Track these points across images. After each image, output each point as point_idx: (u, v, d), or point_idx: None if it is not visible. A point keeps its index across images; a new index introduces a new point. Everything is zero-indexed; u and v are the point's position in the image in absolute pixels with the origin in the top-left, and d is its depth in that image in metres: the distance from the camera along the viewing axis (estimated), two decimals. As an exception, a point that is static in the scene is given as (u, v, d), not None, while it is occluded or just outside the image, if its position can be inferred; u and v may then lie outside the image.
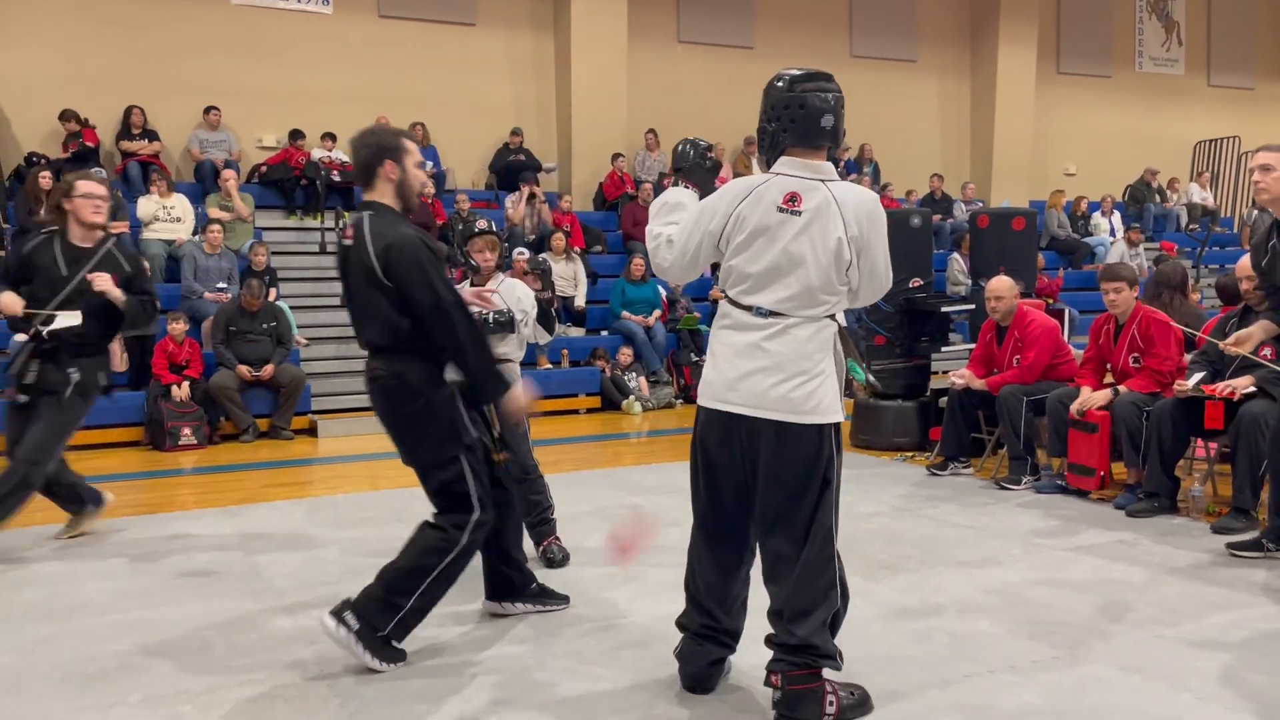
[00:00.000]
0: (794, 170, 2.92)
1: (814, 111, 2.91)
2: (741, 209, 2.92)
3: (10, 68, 11.22)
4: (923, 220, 7.94)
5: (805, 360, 2.89)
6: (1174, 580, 4.30)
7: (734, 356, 2.94)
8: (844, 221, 2.86)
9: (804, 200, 2.87)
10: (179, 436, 8.28)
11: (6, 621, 3.97)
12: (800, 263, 2.86)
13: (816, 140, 2.93)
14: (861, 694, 3.05)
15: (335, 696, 3.20)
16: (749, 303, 2.93)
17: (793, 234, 2.86)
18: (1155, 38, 17.99)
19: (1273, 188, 4.20)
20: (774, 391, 2.87)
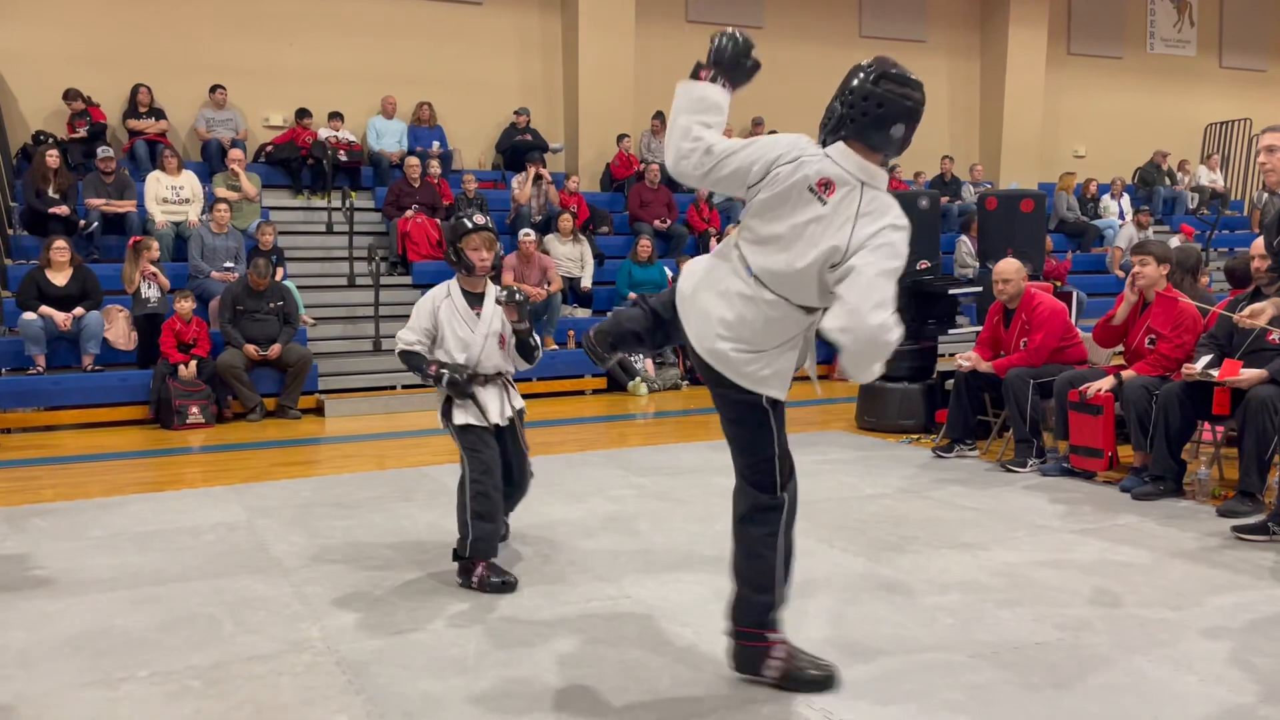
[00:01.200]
0: (844, 161, 2.82)
1: (889, 115, 2.81)
2: (783, 170, 2.84)
3: (17, 45, 11.20)
4: (931, 202, 7.91)
5: (757, 337, 2.88)
6: (1179, 563, 4.30)
7: (713, 295, 2.93)
8: (853, 230, 2.75)
9: (836, 191, 2.79)
10: (186, 415, 8.30)
11: (15, 597, 4.00)
12: (799, 248, 2.80)
13: (879, 143, 2.84)
14: (824, 669, 3.07)
15: (342, 673, 3.22)
16: (746, 254, 2.91)
17: (808, 218, 2.80)
18: (1167, 18, 17.83)
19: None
20: (718, 345, 2.89)
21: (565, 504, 5.46)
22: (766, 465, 3.00)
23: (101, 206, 10.10)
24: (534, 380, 10.08)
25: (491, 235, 4.25)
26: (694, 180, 3.00)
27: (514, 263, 10.47)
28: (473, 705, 2.98)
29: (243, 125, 12.01)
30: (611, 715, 2.91)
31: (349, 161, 11.92)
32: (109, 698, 3.06)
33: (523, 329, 4.21)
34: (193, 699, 3.05)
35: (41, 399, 8.48)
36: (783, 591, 3.07)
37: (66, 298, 8.73)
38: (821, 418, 8.59)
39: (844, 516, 5.10)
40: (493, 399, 4.18)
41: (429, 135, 12.65)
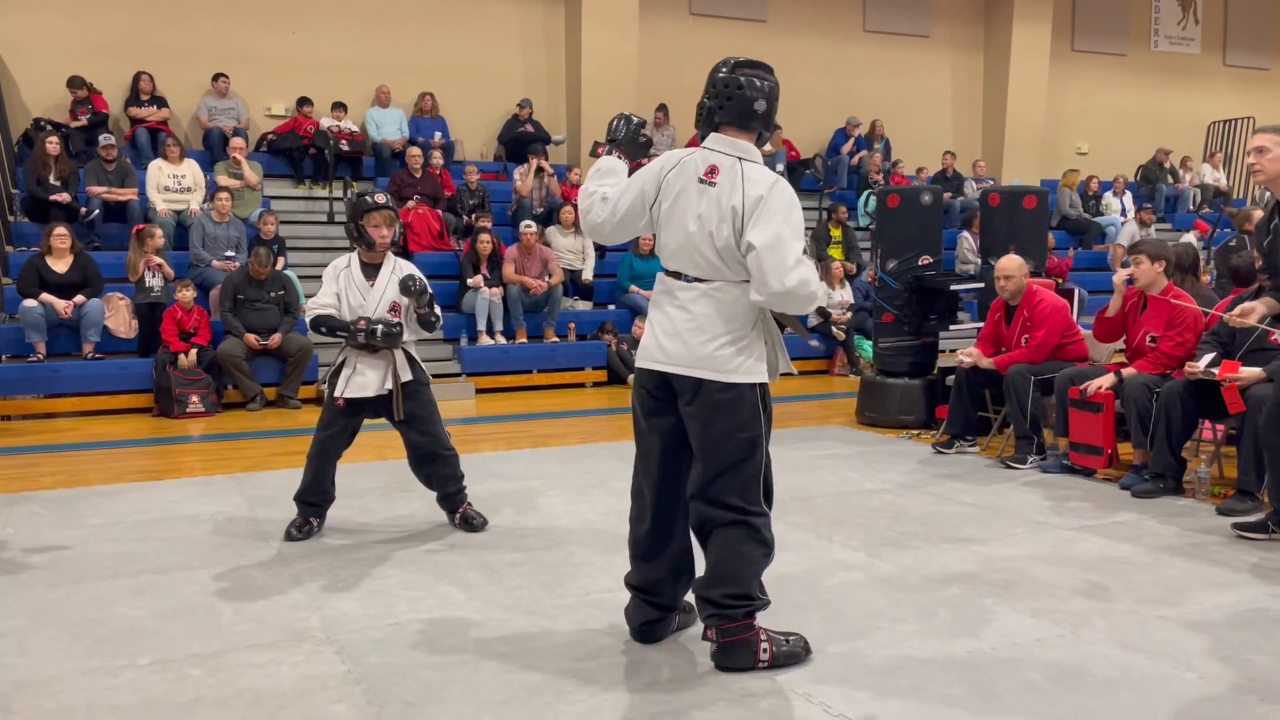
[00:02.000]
0: (719, 146, 3.10)
1: (750, 94, 3.08)
2: (670, 177, 3.13)
3: (18, 33, 11.18)
4: (933, 197, 7.90)
5: (728, 322, 3.06)
6: (1178, 560, 4.30)
7: (665, 320, 3.13)
8: (744, 194, 3.00)
9: (720, 173, 3.06)
10: (186, 404, 8.31)
11: (16, 584, 4.01)
12: (712, 228, 3.03)
13: (748, 121, 3.11)
14: (798, 642, 3.21)
15: (342, 663, 3.23)
16: (675, 268, 3.13)
17: (707, 203, 3.05)
18: (1171, 16, 17.79)
19: (1269, 168, 4.29)
20: (700, 350, 3.04)
21: (566, 496, 5.46)
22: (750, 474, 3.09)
23: (103, 194, 10.08)
24: (534, 373, 10.09)
25: (392, 214, 4.59)
26: (610, 229, 3.25)
27: (515, 254, 10.46)
28: (472, 694, 2.98)
29: (244, 114, 11.99)
30: (611, 707, 2.91)
31: (351, 151, 11.90)
32: (109, 685, 3.07)
33: (423, 312, 4.55)
34: (192, 687, 3.05)
35: (42, 386, 8.48)
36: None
37: (67, 285, 8.72)
38: (822, 413, 8.60)
39: (844, 511, 5.10)
40: (375, 369, 4.50)
41: (431, 126, 12.63)
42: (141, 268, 8.91)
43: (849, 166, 14.66)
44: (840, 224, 12.65)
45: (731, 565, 3.11)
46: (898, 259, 7.73)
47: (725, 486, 3.09)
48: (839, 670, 3.15)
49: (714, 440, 3.07)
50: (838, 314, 11.36)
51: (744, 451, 3.07)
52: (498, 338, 10.20)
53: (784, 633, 3.23)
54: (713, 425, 3.06)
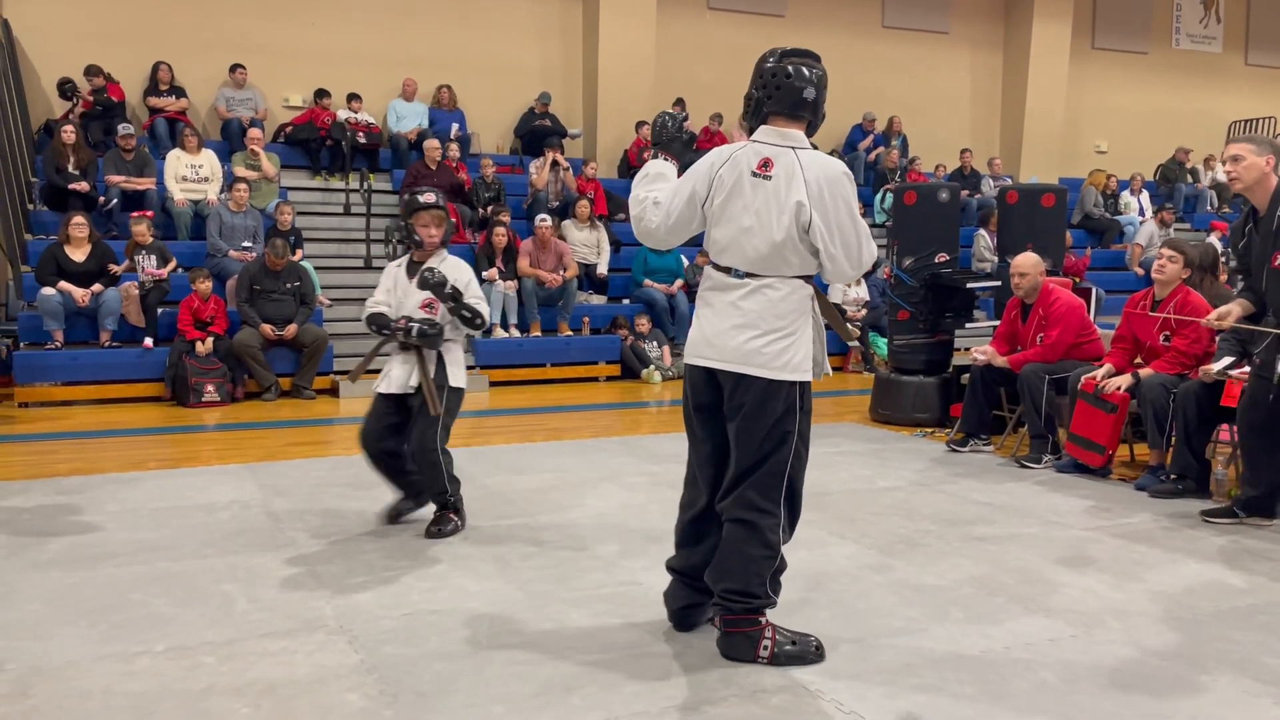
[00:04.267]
0: (770, 138, 3.10)
1: (798, 83, 3.07)
2: (723, 173, 3.12)
3: (39, 22, 11.24)
4: (950, 195, 7.86)
5: (779, 319, 3.06)
6: (1193, 562, 4.28)
7: (713, 316, 3.13)
8: (805, 183, 3.00)
9: (775, 165, 3.04)
10: (202, 393, 8.35)
11: (34, 569, 4.04)
12: (767, 223, 3.03)
13: (797, 110, 3.09)
14: (809, 643, 3.18)
15: (355, 652, 3.24)
16: (727, 264, 3.12)
17: (764, 196, 3.04)
18: (1193, 14, 17.65)
19: (1245, 176, 4.51)
20: (746, 346, 3.05)
21: (578, 490, 5.47)
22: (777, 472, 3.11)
23: (121, 184, 10.14)
24: (548, 366, 10.10)
25: (441, 213, 4.55)
26: (666, 232, 3.23)
27: (530, 248, 10.47)
28: (484, 686, 2.99)
29: (262, 105, 12.03)
30: (622, 699, 2.92)
31: (368, 143, 11.92)
32: (125, 671, 3.09)
33: (450, 307, 4.47)
34: (206, 674, 3.07)
35: (59, 374, 8.55)
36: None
37: (85, 273, 8.78)
38: (835, 410, 8.58)
39: (856, 509, 5.09)
40: (404, 367, 4.52)
41: (448, 118, 12.64)
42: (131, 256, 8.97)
43: (865, 163, 14.61)
44: (856, 221, 12.59)
45: (732, 561, 3.15)
46: (914, 256, 7.70)
47: (747, 481, 3.11)
48: (851, 667, 3.14)
49: (747, 434, 3.09)
50: (853, 311, 11.33)
51: (771, 446, 3.08)
52: (512, 331, 10.21)
53: (797, 633, 3.22)
54: (747, 420, 3.08)
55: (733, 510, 3.14)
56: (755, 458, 3.09)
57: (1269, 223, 4.52)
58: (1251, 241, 4.66)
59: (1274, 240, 4.50)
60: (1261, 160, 4.52)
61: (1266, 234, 4.53)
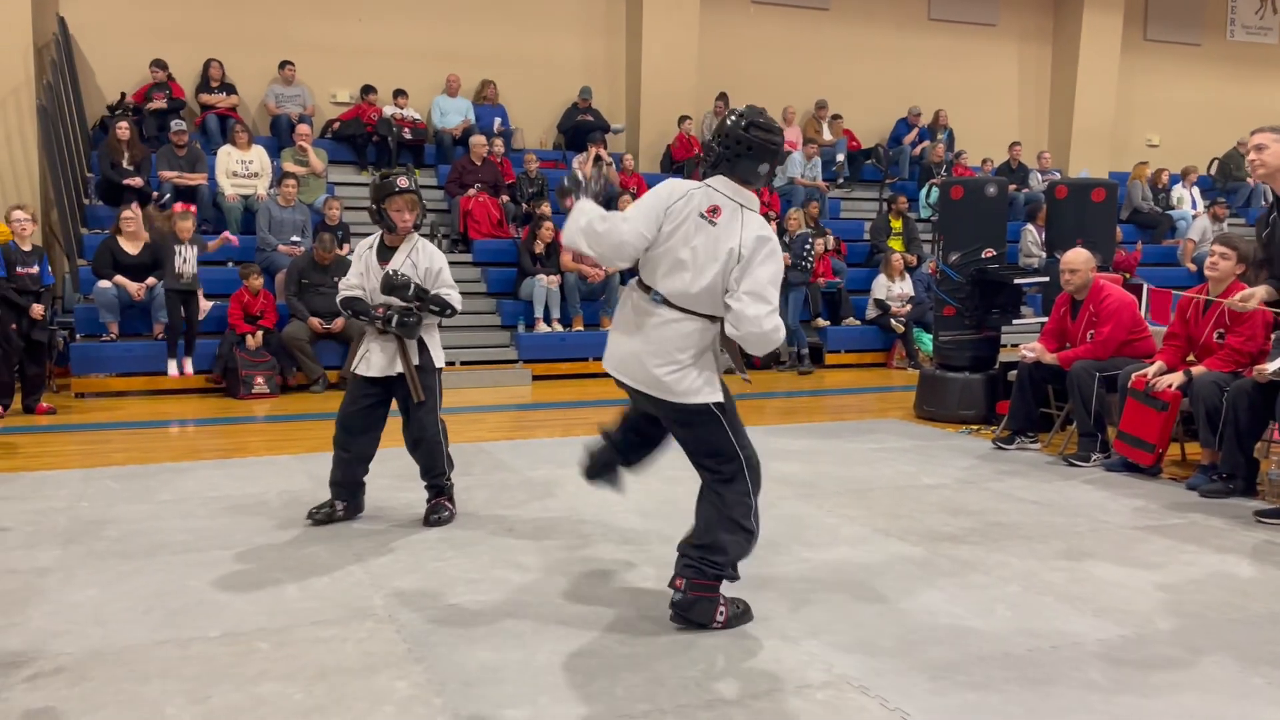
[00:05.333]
0: (724, 189, 3.32)
1: (757, 155, 3.31)
2: (677, 205, 3.32)
3: (94, 20, 11.47)
4: (998, 189, 7.78)
5: (680, 353, 3.30)
6: (1245, 563, 4.21)
7: (624, 338, 3.39)
8: (740, 239, 3.23)
9: (722, 214, 3.27)
10: (252, 385, 8.50)
11: (91, 556, 4.14)
12: (701, 265, 3.24)
13: (749, 177, 3.34)
14: (744, 606, 3.49)
15: (403, 641, 3.29)
16: (649, 283, 3.35)
17: (704, 239, 3.25)
18: (1249, 5, 17.27)
19: (1270, 163, 4.63)
20: (653, 373, 3.31)
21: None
22: (730, 463, 3.39)
23: (174, 179, 10.33)
24: (590, 360, 10.14)
25: (414, 198, 4.54)
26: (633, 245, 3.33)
27: (574, 242, 10.50)
28: (530, 677, 3.03)
29: (310, 101, 12.19)
30: (666, 690, 2.93)
31: (413, 139, 12.04)
32: (180, 656, 3.16)
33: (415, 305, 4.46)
34: (259, 660, 3.13)
35: (113, 365, 8.74)
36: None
37: (139, 267, 8.96)
38: (879, 405, 8.54)
39: (901, 505, 5.06)
40: (378, 354, 4.52)
41: (491, 113, 12.72)
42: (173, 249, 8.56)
43: (911, 157, 14.48)
44: (901, 215, 12.51)
45: (715, 528, 3.37)
46: (960, 251, 7.63)
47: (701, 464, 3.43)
48: (896, 664, 3.14)
49: (682, 440, 3.46)
50: (897, 306, 11.24)
51: (708, 439, 3.39)
52: (554, 325, 10.27)
53: (733, 599, 3.48)
54: (675, 425, 3.44)
55: (706, 478, 3.43)
56: (702, 449, 3.40)
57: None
58: (1276, 230, 4.74)
59: None
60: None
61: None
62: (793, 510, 4.96)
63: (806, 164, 13.23)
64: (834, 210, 13.58)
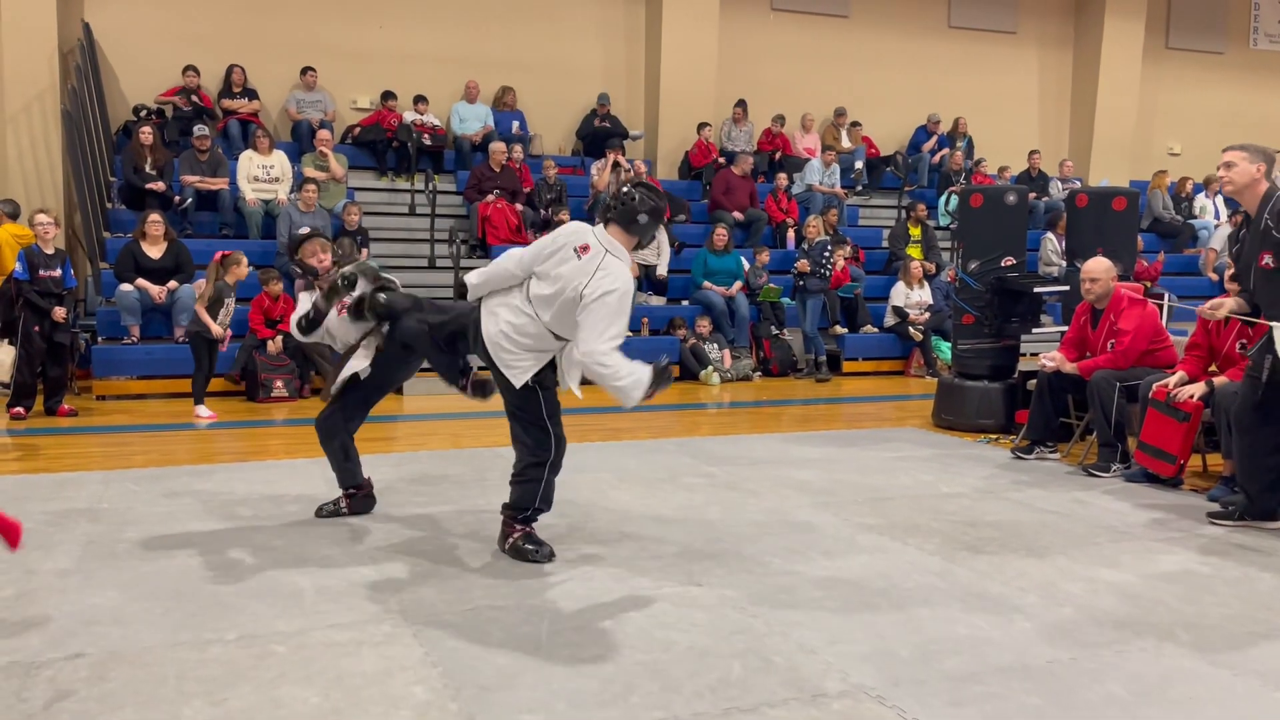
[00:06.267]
0: (599, 236, 4.03)
1: (639, 210, 4.03)
2: (560, 236, 4.07)
3: (118, 25, 11.57)
4: (1018, 198, 7.74)
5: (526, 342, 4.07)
6: (1268, 575, 4.16)
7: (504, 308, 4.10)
8: (590, 281, 3.90)
9: (588, 253, 3.97)
10: (271, 388, 8.54)
11: (112, 558, 4.17)
12: (559, 285, 3.95)
13: (631, 229, 4.06)
14: (546, 552, 4.20)
15: (420, 646, 3.29)
16: (530, 289, 4.06)
17: (567, 267, 3.97)
18: (1272, 13, 17.14)
19: (1236, 180, 4.80)
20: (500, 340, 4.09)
21: (636, 490, 5.49)
22: (539, 432, 4.17)
23: (196, 183, 10.41)
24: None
25: (324, 240, 4.93)
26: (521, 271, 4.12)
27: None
28: (546, 682, 3.03)
29: (331, 107, 12.26)
30: (681, 698, 2.93)
31: (433, 145, 12.09)
32: (198, 658, 3.18)
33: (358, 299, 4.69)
34: (277, 663, 3.15)
35: (135, 368, 8.80)
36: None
37: (161, 270, 9.03)
38: (897, 414, 8.50)
39: (919, 515, 5.04)
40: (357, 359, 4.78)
41: (510, 119, 12.77)
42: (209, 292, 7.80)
43: (930, 164, 14.44)
44: (919, 223, 12.47)
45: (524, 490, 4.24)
46: (980, 259, 7.60)
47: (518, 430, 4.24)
48: (914, 674, 3.12)
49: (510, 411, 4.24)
50: (915, 314, 11.20)
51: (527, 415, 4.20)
52: (572, 331, 10.26)
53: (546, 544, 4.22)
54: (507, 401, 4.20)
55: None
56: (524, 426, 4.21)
57: (1257, 224, 4.74)
58: (1244, 246, 4.90)
59: (1261, 241, 4.70)
60: (1253, 167, 4.77)
61: (1255, 235, 4.78)
62: (810, 518, 4.94)
63: (825, 171, 13.21)
64: (852, 218, 13.55)
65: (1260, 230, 4.72)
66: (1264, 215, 4.70)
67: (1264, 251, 4.69)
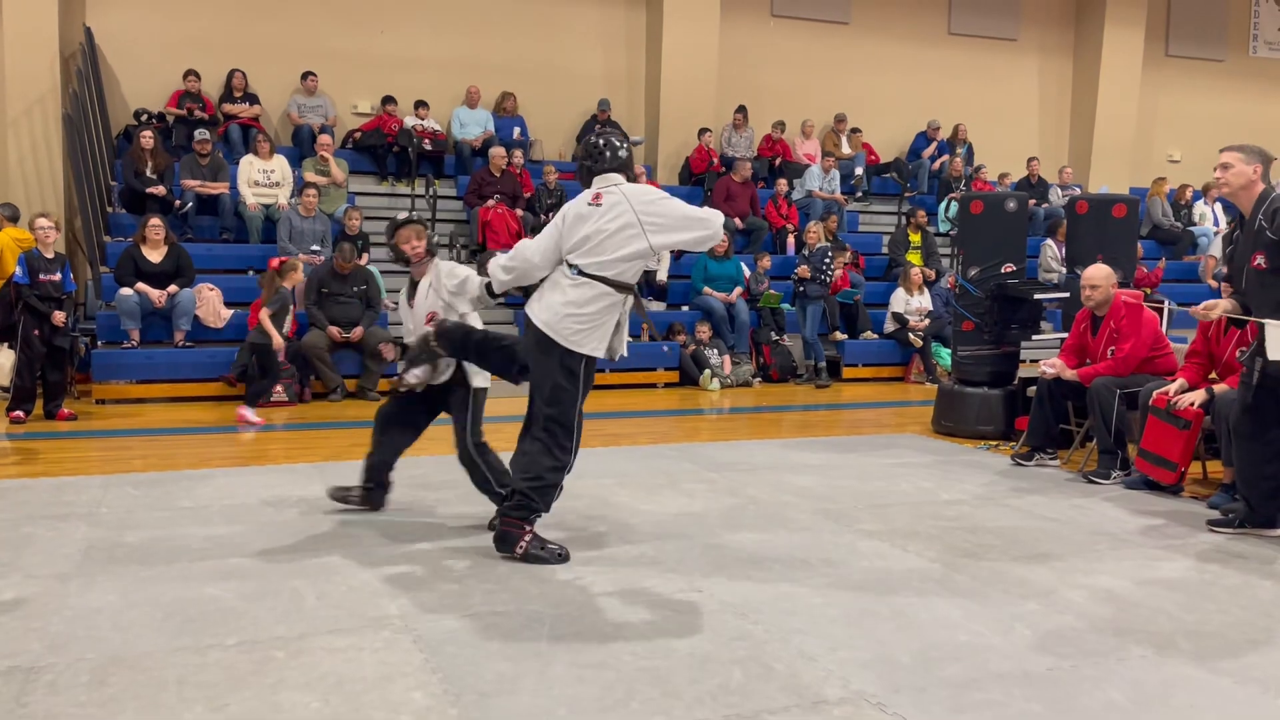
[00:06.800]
0: (598, 184, 4.23)
1: (616, 147, 4.27)
2: (568, 212, 4.21)
3: (120, 30, 11.59)
4: (1019, 204, 7.75)
5: (588, 310, 4.14)
6: (1269, 583, 4.16)
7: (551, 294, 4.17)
8: (633, 209, 4.09)
9: (604, 198, 4.16)
10: (271, 393, 8.53)
11: (112, 562, 4.17)
12: (607, 240, 4.09)
13: (621, 169, 4.25)
14: (558, 551, 4.24)
15: (419, 651, 3.29)
16: (574, 263, 4.14)
17: (598, 219, 4.13)
18: (1272, 21, 17.18)
19: (1232, 182, 4.83)
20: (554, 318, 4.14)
21: (637, 496, 5.49)
22: (565, 434, 4.21)
23: (196, 188, 10.43)
24: (606, 371, 10.13)
25: (421, 226, 4.90)
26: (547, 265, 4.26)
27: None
28: (546, 688, 3.02)
29: (332, 111, 12.27)
30: (682, 704, 2.92)
31: (433, 150, 12.10)
32: (198, 663, 3.17)
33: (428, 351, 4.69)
34: (276, 669, 3.14)
35: (134, 372, 8.80)
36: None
37: (161, 274, 9.04)
38: (896, 420, 8.50)
39: (919, 521, 5.04)
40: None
41: (511, 125, 12.78)
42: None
43: (930, 171, 14.46)
44: (919, 229, 12.49)
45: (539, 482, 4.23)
46: (980, 266, 7.61)
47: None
48: (914, 681, 3.12)
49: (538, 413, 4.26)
50: (915, 320, 11.21)
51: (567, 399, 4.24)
52: (572, 336, 10.26)
53: (554, 543, 4.26)
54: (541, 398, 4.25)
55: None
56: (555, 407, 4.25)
57: (1251, 225, 4.76)
58: (1238, 247, 4.94)
59: (1254, 242, 4.73)
60: (1249, 168, 4.80)
61: (1248, 236, 4.81)
62: (810, 524, 4.94)
63: (825, 177, 13.23)
64: (852, 224, 13.56)
65: (1254, 230, 4.73)
66: (1258, 216, 4.71)
67: (1257, 252, 4.71)
